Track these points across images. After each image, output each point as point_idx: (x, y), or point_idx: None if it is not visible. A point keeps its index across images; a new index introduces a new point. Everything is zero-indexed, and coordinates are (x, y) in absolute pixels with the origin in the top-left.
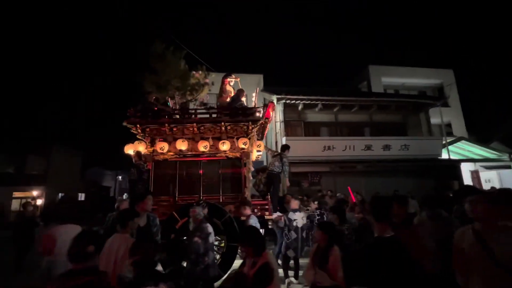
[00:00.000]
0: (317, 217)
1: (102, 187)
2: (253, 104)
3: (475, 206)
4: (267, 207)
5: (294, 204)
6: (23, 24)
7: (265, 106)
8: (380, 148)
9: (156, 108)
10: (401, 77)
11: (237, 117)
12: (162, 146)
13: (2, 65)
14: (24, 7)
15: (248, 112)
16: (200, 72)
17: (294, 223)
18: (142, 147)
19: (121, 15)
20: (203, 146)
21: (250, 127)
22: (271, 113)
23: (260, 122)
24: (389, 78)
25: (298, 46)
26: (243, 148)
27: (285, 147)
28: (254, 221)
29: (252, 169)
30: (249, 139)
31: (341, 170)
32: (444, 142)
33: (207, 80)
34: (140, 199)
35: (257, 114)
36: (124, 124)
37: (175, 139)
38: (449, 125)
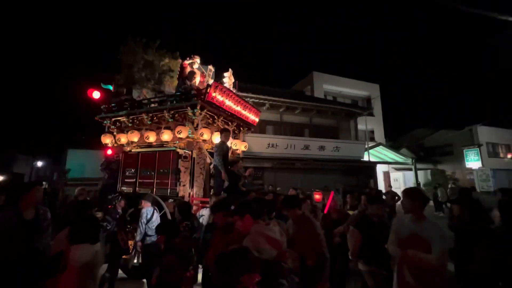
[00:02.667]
0: None
1: (12, 174)
2: (202, 84)
3: None
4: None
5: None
6: None
7: (208, 87)
8: (317, 148)
9: (119, 101)
10: (339, 86)
11: (180, 102)
12: (119, 138)
13: None
14: None
15: (189, 96)
16: (168, 59)
17: (201, 220)
18: (108, 139)
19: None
20: (145, 137)
21: (191, 113)
22: (216, 95)
23: (199, 105)
24: (329, 86)
25: (254, 43)
26: (181, 138)
27: (222, 131)
28: (145, 212)
29: (209, 161)
30: (196, 126)
31: (281, 166)
32: (366, 146)
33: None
34: (25, 190)
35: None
36: (96, 119)
37: (140, 130)
38: (372, 132)
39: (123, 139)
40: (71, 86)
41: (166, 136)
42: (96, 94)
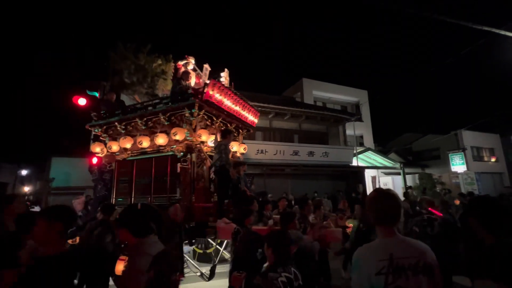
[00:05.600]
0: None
1: None
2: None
3: None
4: (211, 211)
5: None
6: None
7: (205, 85)
8: (306, 154)
9: (110, 107)
10: (329, 92)
11: (176, 103)
12: (110, 146)
13: None
14: None
15: (186, 96)
16: (160, 61)
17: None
18: (99, 148)
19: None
20: (138, 142)
21: (188, 114)
22: (214, 94)
23: (197, 105)
24: (319, 92)
25: (244, 50)
26: (177, 140)
27: (226, 133)
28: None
29: (209, 164)
30: (194, 128)
31: (271, 172)
32: (355, 151)
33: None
34: (8, 202)
35: (198, 97)
36: (87, 127)
37: (133, 137)
38: (361, 137)
39: (114, 147)
40: (56, 92)
41: (161, 139)
42: (81, 101)
